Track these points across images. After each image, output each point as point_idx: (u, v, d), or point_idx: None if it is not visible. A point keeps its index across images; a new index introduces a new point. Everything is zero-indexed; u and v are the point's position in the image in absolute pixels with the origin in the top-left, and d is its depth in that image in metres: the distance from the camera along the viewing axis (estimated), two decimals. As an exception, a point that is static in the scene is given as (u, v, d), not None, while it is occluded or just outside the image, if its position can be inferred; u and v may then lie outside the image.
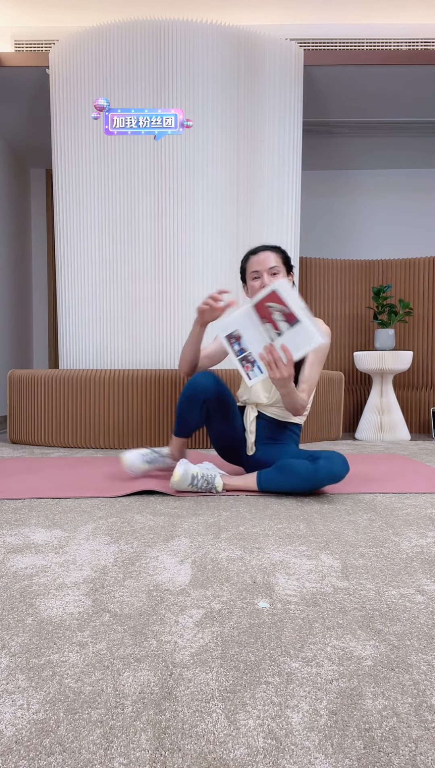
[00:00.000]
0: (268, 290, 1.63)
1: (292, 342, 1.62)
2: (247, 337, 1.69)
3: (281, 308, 1.61)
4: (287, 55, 3.46)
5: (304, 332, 1.60)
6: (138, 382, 3.06)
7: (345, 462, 1.73)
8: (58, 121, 3.47)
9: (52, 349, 5.51)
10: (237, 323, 1.70)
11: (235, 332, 1.71)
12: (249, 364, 1.70)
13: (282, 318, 1.62)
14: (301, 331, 1.60)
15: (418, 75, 3.77)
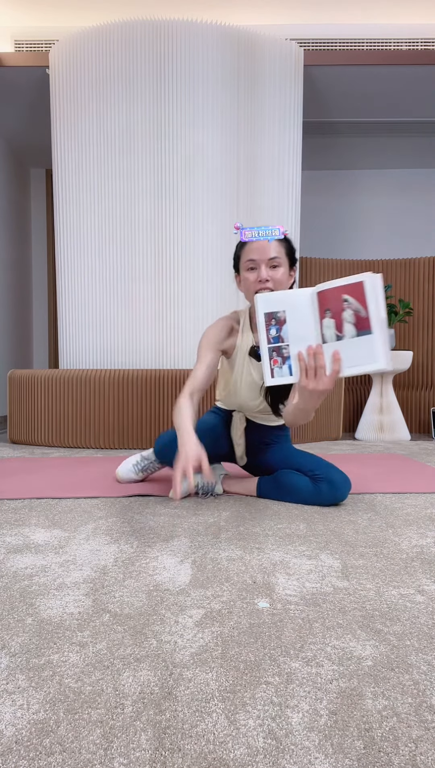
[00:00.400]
0: (354, 279, 1.26)
1: (348, 353, 1.28)
2: (294, 327, 1.34)
3: (358, 308, 1.26)
4: (287, 55, 3.46)
5: (368, 348, 1.25)
6: (138, 382, 3.06)
7: (347, 483, 1.64)
8: (58, 121, 3.47)
9: (52, 349, 5.51)
10: (289, 303, 1.35)
11: (280, 313, 1.35)
12: (278, 359, 1.36)
13: (352, 320, 1.27)
14: (367, 345, 1.25)
15: (418, 75, 3.77)
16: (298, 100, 3.53)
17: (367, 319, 1.25)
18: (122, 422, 3.07)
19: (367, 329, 1.25)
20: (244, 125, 3.39)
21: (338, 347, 1.28)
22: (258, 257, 1.59)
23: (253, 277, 1.60)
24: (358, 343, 1.26)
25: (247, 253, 1.61)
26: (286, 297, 1.35)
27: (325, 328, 1.30)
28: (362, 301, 1.25)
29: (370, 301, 1.25)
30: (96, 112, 3.33)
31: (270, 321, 1.37)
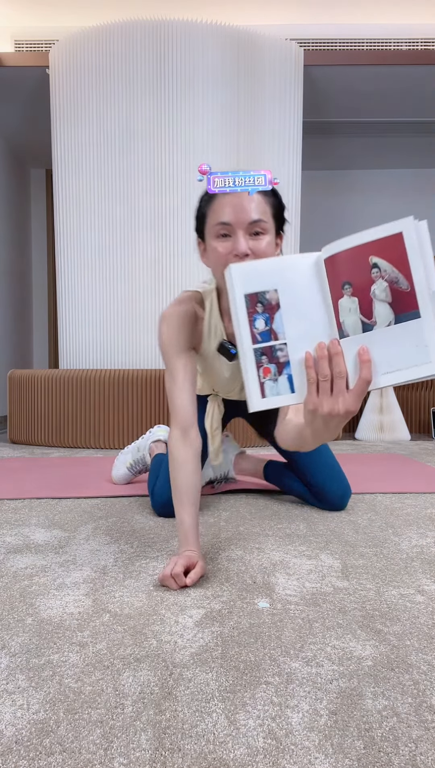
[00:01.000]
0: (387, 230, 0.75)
1: (383, 351, 0.76)
2: (293, 314, 0.81)
3: (395, 276, 0.75)
4: (287, 55, 3.46)
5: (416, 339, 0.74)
6: (138, 382, 3.06)
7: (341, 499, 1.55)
8: (58, 121, 3.47)
9: (52, 349, 5.51)
10: (282, 277, 0.81)
11: (269, 294, 0.82)
12: (271, 366, 0.82)
13: (387, 297, 0.75)
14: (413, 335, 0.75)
15: (418, 75, 3.77)
16: (298, 100, 3.53)
17: (410, 293, 0.75)
18: (122, 422, 3.07)
19: (413, 309, 0.75)
20: (244, 125, 3.39)
21: (367, 342, 0.77)
22: (233, 219, 1.06)
23: (224, 248, 1.09)
24: (399, 334, 0.75)
25: (217, 211, 1.08)
26: (278, 268, 0.83)
27: (343, 314, 0.78)
28: (402, 266, 0.75)
29: (415, 263, 0.74)
30: (96, 112, 3.33)
31: (254, 307, 0.83)
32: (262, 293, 0.83)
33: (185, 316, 1.24)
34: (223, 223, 1.08)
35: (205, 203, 1.13)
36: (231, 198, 1.07)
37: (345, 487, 1.57)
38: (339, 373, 0.77)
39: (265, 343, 0.82)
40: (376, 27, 3.74)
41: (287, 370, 0.82)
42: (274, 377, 0.82)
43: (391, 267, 0.76)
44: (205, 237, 1.16)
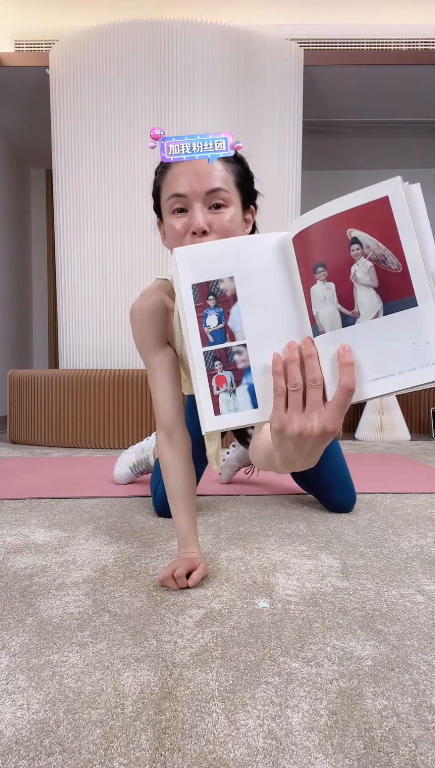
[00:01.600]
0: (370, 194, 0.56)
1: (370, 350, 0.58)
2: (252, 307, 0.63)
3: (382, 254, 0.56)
4: (287, 55, 3.46)
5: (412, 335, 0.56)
6: (138, 382, 3.06)
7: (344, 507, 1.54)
8: (58, 121, 3.47)
9: (52, 349, 5.51)
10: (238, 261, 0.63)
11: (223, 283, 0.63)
12: (227, 375, 0.63)
13: (372, 280, 0.56)
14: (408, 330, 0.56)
15: (418, 75, 3.77)
16: (298, 100, 3.53)
17: (402, 274, 0.55)
18: (122, 422, 3.07)
19: (407, 295, 0.56)
20: (244, 125, 3.39)
21: (348, 339, 0.58)
22: (188, 190, 0.93)
23: (181, 225, 0.95)
24: (390, 328, 0.57)
25: (171, 182, 0.96)
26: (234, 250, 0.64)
27: (316, 304, 0.60)
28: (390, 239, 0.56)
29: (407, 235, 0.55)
30: (96, 112, 3.33)
31: (205, 300, 0.64)
32: (215, 282, 0.65)
33: (153, 309, 1.11)
34: (177, 195, 0.93)
35: (160, 175, 0.99)
36: (186, 165, 0.93)
37: (349, 495, 1.53)
38: (313, 380, 0.59)
39: (219, 345, 0.64)
40: (376, 27, 3.74)
41: (247, 379, 0.63)
42: (231, 388, 0.63)
43: (375, 241, 0.57)
44: (160, 208, 1.01)
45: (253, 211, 1.06)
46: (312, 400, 0.59)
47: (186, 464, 1.10)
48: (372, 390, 0.58)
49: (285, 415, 0.60)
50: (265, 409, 0.62)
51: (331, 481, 1.54)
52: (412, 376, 0.56)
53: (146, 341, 1.12)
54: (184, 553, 1.04)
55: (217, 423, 0.62)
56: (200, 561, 1.02)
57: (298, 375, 0.59)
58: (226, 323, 0.63)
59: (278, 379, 0.60)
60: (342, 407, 0.58)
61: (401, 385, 0.57)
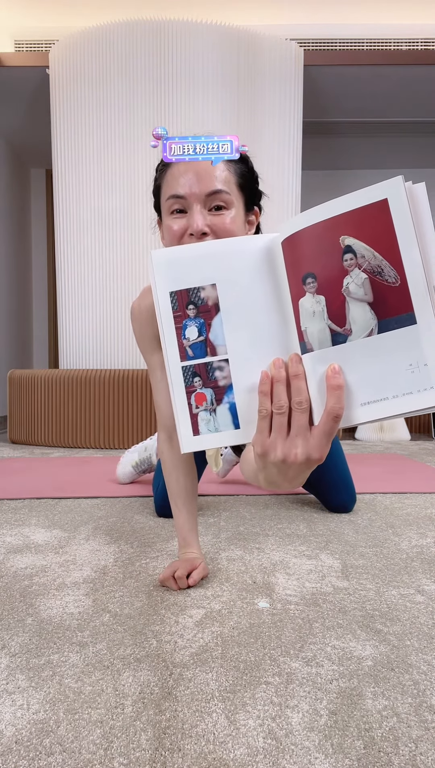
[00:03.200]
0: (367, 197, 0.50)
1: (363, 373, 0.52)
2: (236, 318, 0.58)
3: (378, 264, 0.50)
4: (287, 55, 3.46)
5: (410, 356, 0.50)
6: (138, 382, 3.06)
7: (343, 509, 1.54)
8: (58, 121, 3.47)
9: (52, 349, 5.51)
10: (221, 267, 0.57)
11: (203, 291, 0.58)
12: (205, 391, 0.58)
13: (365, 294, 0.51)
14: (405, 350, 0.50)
15: (418, 75, 3.77)
16: (298, 100, 3.53)
17: (400, 288, 0.50)
18: (122, 422, 3.07)
19: (405, 312, 0.51)
20: (244, 125, 3.39)
21: (338, 359, 0.53)
22: (187, 191, 0.90)
23: (179, 227, 0.92)
24: (385, 348, 0.52)
25: (170, 182, 0.93)
26: (217, 254, 0.58)
27: (305, 319, 0.55)
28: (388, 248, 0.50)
29: (407, 244, 0.50)
30: (96, 112, 3.33)
31: (184, 309, 0.59)
32: (195, 290, 0.59)
33: (152, 308, 1.07)
34: (177, 196, 0.90)
35: (161, 173, 0.96)
36: (187, 166, 0.90)
37: (348, 496, 1.53)
38: (299, 403, 0.54)
39: (199, 360, 0.59)
40: (376, 27, 3.74)
41: (229, 398, 0.58)
42: (211, 407, 0.58)
43: (371, 251, 0.52)
44: (160, 207, 0.98)
45: (257, 213, 1.02)
46: (297, 425, 0.55)
47: (187, 465, 1.09)
48: (363, 415, 0.53)
49: (268, 439, 0.56)
50: (248, 429, 0.58)
51: (332, 482, 1.54)
52: (408, 401, 0.51)
53: (146, 340, 1.09)
54: (185, 553, 1.04)
55: (195, 443, 0.58)
56: (201, 561, 1.02)
57: (284, 396, 0.55)
58: (206, 336, 0.58)
59: (264, 400, 0.55)
60: (328, 434, 0.53)
61: (395, 410, 0.52)
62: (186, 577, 0.98)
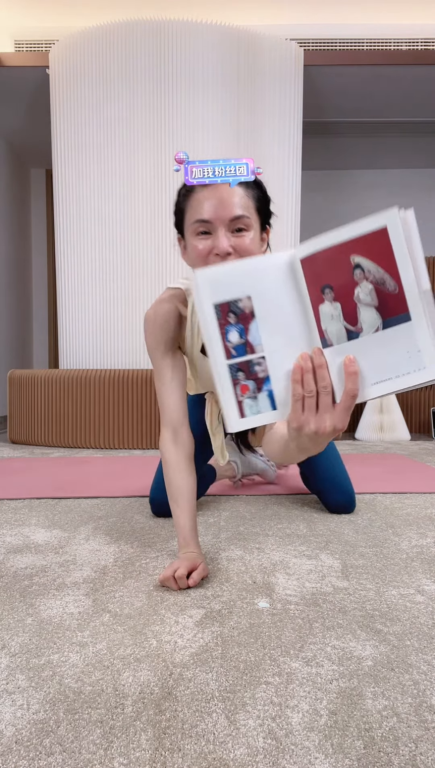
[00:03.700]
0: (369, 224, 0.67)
1: (372, 360, 0.70)
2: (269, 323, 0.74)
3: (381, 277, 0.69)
4: (287, 55, 3.46)
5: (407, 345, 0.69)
6: (138, 382, 3.06)
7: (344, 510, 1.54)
8: (58, 121, 3.47)
9: (52, 349, 5.51)
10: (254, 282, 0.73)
11: (242, 302, 0.73)
12: (249, 383, 0.74)
13: (373, 300, 0.69)
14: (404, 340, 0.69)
15: (418, 75, 3.77)
16: (298, 100, 3.53)
17: (399, 295, 0.68)
18: (122, 422, 3.07)
19: (402, 312, 0.68)
20: (244, 125, 3.39)
21: (353, 351, 0.70)
22: (213, 216, 1.00)
23: (205, 247, 1.02)
24: (388, 340, 0.69)
25: (196, 207, 1.02)
26: (249, 271, 0.73)
27: (325, 321, 0.71)
28: (388, 265, 0.67)
29: (403, 262, 0.66)
30: (96, 112, 3.33)
31: (226, 317, 0.74)
32: (234, 302, 0.74)
33: (167, 315, 1.19)
34: (203, 221, 1.01)
35: (183, 197, 1.05)
36: (210, 192, 1.00)
37: (345, 496, 1.52)
38: (324, 387, 0.69)
39: (241, 358, 0.74)
40: (376, 27, 3.74)
41: (267, 386, 0.74)
42: (253, 394, 0.73)
43: (375, 267, 0.67)
44: (184, 234, 1.08)
45: (269, 230, 1.13)
46: (324, 404, 0.70)
47: (189, 464, 1.13)
48: (374, 392, 0.70)
49: (302, 416, 0.70)
50: (283, 409, 0.73)
51: (327, 482, 1.54)
52: (407, 379, 0.68)
53: (159, 346, 1.18)
54: (185, 552, 1.05)
55: (242, 424, 0.74)
56: (201, 561, 1.02)
57: (312, 382, 0.69)
58: (246, 338, 0.73)
59: (296, 386, 0.70)
60: (348, 409, 0.69)
61: (398, 386, 0.69)
62: (186, 577, 0.98)
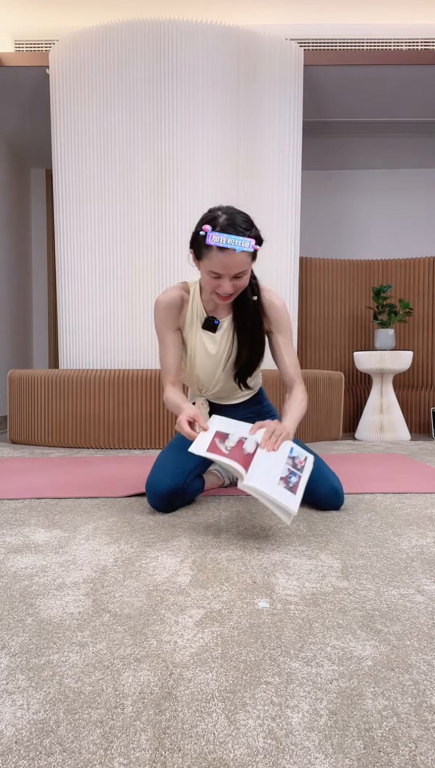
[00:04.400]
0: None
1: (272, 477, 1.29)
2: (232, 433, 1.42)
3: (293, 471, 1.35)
4: (287, 55, 3.46)
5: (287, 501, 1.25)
6: (138, 382, 3.06)
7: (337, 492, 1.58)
8: (58, 121, 3.47)
9: (52, 349, 5.50)
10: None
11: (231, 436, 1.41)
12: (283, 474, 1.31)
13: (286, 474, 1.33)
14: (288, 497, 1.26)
15: (418, 75, 3.77)
16: (298, 100, 3.53)
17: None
18: (122, 422, 3.07)
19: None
20: (244, 125, 3.39)
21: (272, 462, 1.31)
22: (223, 272, 1.43)
23: (213, 284, 1.47)
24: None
25: (212, 262, 1.42)
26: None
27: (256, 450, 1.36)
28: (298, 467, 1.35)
29: (305, 473, 1.35)
30: (96, 112, 3.33)
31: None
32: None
33: (174, 301, 1.60)
34: (216, 273, 1.44)
35: (206, 248, 1.42)
36: (223, 258, 1.40)
37: (335, 490, 1.56)
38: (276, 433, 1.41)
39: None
40: (376, 27, 3.74)
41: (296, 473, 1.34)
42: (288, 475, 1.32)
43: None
44: (199, 258, 1.48)
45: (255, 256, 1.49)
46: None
47: (182, 394, 1.62)
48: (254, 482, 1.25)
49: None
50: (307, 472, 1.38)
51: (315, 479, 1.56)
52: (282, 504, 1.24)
53: (166, 321, 1.61)
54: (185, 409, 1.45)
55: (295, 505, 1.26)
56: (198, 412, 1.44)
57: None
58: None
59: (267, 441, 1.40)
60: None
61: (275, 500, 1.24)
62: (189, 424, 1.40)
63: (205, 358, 1.64)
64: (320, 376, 3.43)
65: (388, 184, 5.23)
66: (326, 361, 4.33)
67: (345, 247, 5.25)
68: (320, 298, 4.33)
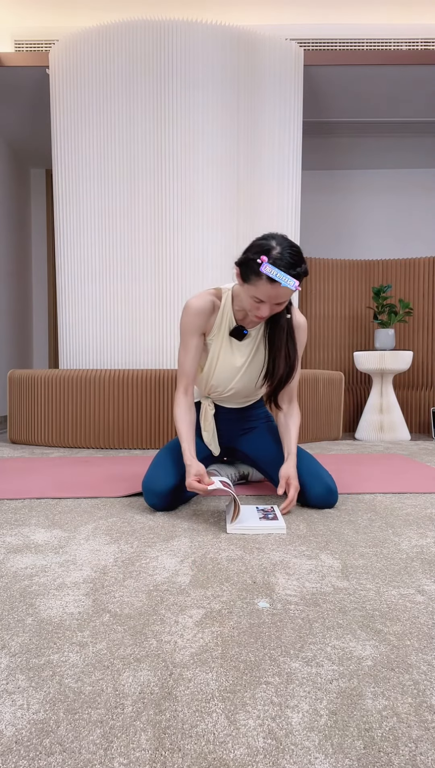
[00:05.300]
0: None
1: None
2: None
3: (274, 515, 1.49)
4: (287, 55, 3.46)
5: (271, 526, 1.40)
6: (138, 382, 3.06)
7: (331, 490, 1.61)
8: (58, 121, 3.47)
9: (52, 349, 5.50)
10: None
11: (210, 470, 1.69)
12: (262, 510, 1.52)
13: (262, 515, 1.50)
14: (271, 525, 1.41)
15: (417, 75, 3.77)
16: (298, 100, 3.53)
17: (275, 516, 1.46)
18: (122, 422, 3.07)
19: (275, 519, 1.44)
20: (244, 125, 3.39)
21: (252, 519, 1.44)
22: (266, 300, 1.48)
23: (254, 307, 1.51)
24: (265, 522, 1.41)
25: (259, 290, 1.46)
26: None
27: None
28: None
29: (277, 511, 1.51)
30: (96, 113, 3.33)
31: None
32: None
33: (204, 307, 1.62)
34: (260, 300, 1.48)
35: (257, 274, 1.44)
36: (270, 289, 1.44)
37: (329, 488, 1.59)
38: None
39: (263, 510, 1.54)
40: (376, 27, 3.74)
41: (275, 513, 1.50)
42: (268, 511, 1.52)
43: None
44: (245, 281, 1.49)
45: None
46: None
47: (191, 408, 1.64)
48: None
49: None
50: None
51: (309, 476, 1.61)
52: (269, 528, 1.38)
53: (191, 327, 1.63)
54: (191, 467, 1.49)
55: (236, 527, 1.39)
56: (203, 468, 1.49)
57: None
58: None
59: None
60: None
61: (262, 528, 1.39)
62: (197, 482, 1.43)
63: (226, 365, 1.68)
64: (320, 376, 3.43)
65: (388, 184, 5.23)
66: (326, 361, 4.33)
67: (345, 247, 5.25)
68: (320, 298, 4.33)
